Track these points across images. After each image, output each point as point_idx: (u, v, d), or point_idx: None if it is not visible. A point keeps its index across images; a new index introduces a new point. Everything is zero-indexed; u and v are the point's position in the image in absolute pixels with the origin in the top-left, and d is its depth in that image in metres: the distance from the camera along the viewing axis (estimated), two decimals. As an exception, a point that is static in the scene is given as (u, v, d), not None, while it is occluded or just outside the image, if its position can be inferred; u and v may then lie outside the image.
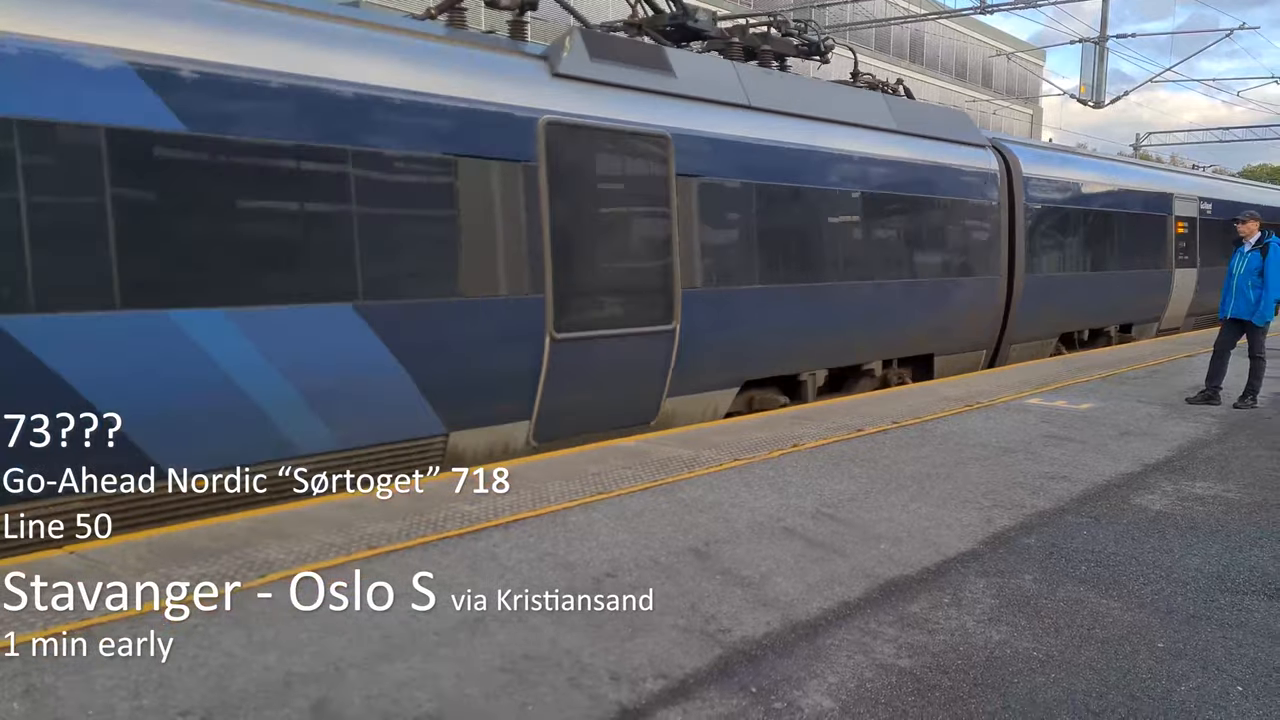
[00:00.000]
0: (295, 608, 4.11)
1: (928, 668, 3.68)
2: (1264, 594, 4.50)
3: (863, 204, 10.25)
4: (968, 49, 51.53)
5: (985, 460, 7.10)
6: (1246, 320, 9.66)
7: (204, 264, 5.64)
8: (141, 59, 5.39)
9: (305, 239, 6.13)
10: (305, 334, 6.05)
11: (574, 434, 7.63)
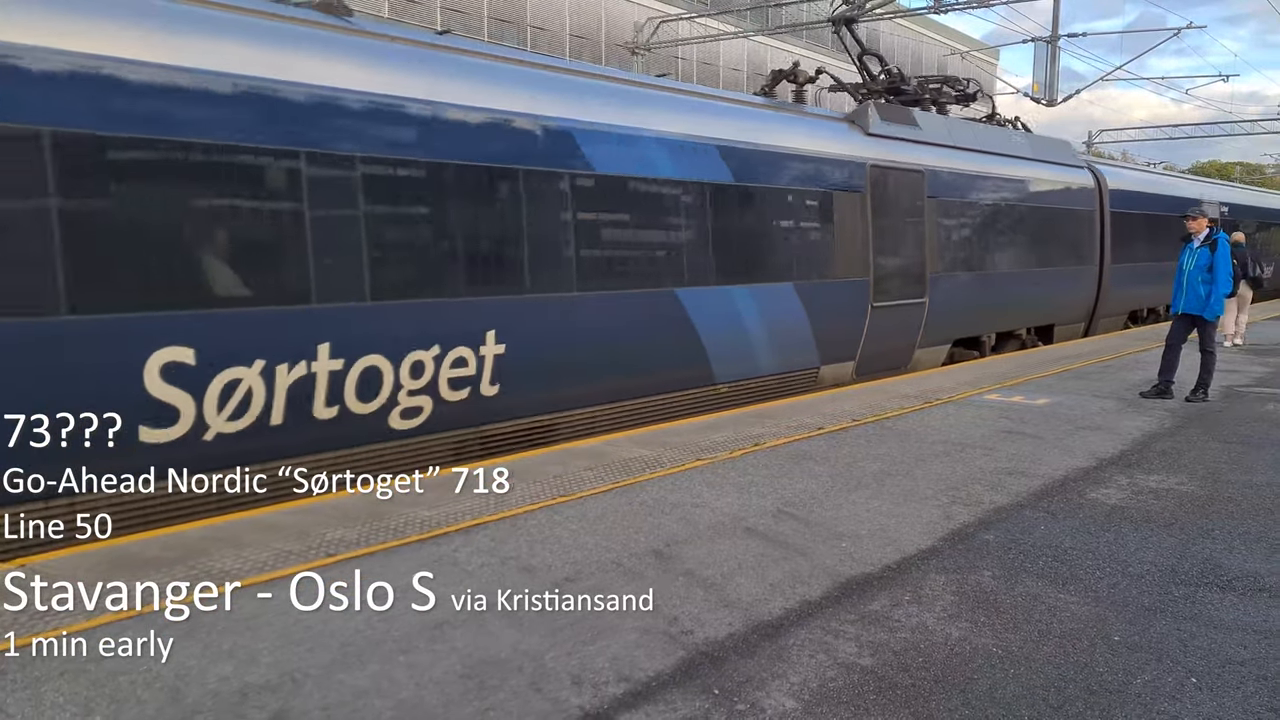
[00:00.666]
0: (251, 617, 4.05)
1: (889, 666, 3.70)
2: (1216, 586, 4.56)
3: (1018, 214, 14.24)
4: (923, 48, 51.94)
5: (944, 456, 7.16)
6: (1197, 315, 9.82)
7: (735, 263, 9.68)
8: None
9: (778, 246, 10.33)
10: (775, 300, 10.02)
11: (874, 373, 11.54)
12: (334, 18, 7.23)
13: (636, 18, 32.78)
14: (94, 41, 5.55)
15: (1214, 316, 9.79)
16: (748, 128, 9.97)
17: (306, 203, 6.34)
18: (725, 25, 34.02)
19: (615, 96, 8.90)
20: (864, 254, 11.01)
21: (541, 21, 30.65)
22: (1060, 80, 26.75)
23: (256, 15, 6.62)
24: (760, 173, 9.88)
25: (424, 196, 7.14)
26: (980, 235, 13.43)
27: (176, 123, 5.87)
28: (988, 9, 26.10)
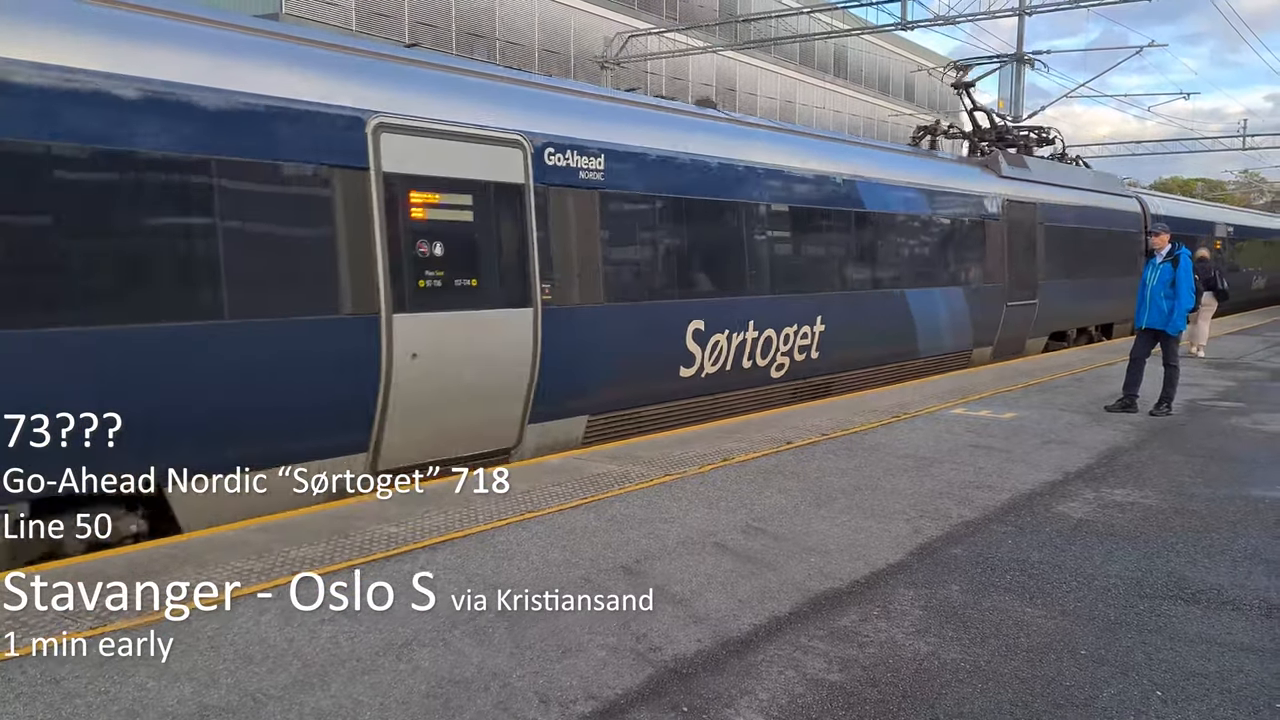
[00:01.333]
0: (211, 637, 3.98)
1: (858, 681, 3.69)
2: (1180, 599, 4.59)
3: (1093, 234, 18.16)
4: (891, 64, 52.44)
5: (912, 471, 7.18)
6: (1161, 330, 9.93)
7: (933, 272, 13.50)
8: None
9: (955, 259, 13.94)
10: (953, 299, 13.75)
11: (1003, 356, 15.04)
12: (710, 110, 12.13)
13: (605, 32, 32.88)
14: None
15: (1176, 331, 9.91)
16: (940, 177, 14.17)
17: (759, 233, 10.54)
18: (694, 40, 34.18)
19: (877, 159, 13.18)
20: (1001, 266, 14.87)
21: (511, 35, 30.65)
22: (1025, 96, 27.05)
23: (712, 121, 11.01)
24: (947, 208, 13.93)
25: (797, 231, 11.31)
26: (1069, 251, 17.21)
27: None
28: (954, 26, 26.38)
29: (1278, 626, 4.26)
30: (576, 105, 8.83)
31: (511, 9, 30.85)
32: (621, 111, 9.32)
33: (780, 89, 43.68)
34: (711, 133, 10.24)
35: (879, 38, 46.75)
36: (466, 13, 29.11)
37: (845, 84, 49.12)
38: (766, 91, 42.42)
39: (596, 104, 9.18)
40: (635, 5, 35.94)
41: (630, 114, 9.39)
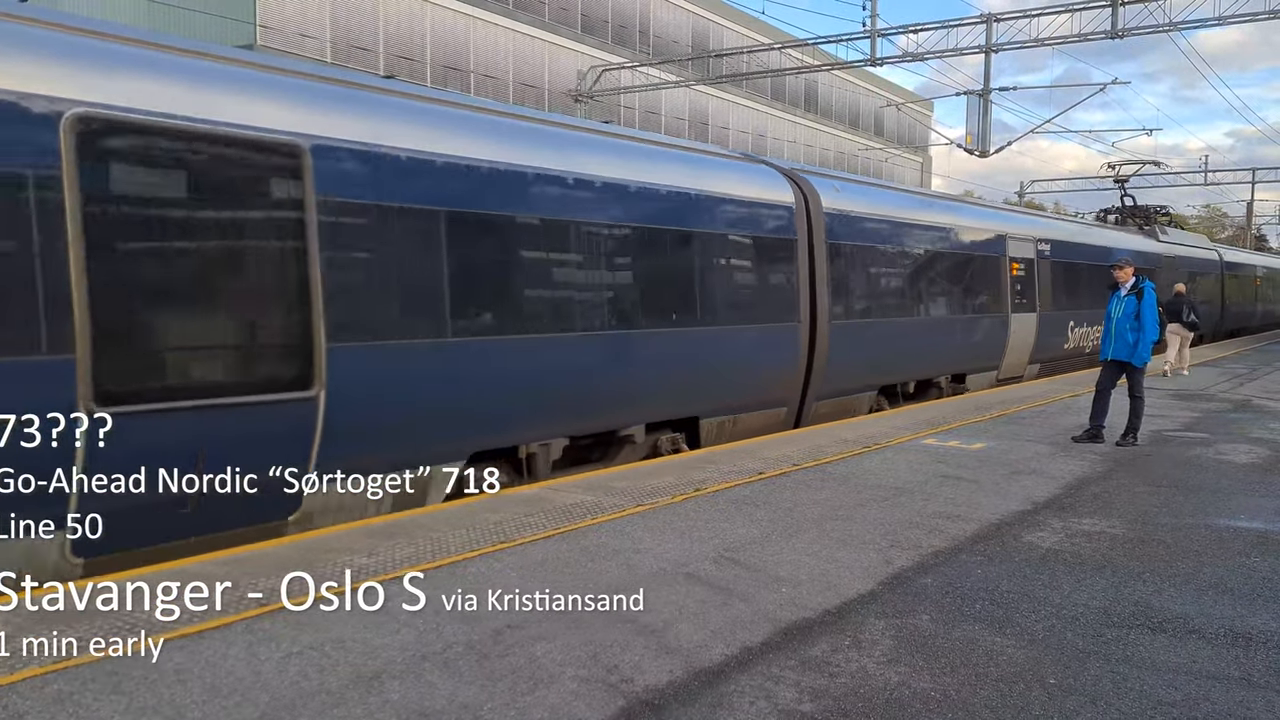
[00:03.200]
0: (177, 670, 3.93)
1: (829, 711, 3.69)
2: (1148, 628, 4.64)
3: (1204, 275, 27.59)
4: (860, 99, 53.12)
5: (883, 501, 7.22)
6: (1126, 361, 10.07)
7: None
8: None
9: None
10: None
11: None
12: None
13: (580, 65, 33.12)
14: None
15: (1142, 363, 10.05)
16: (1145, 246, 23.48)
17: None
18: (667, 74, 34.49)
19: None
20: (1185, 298, 21.22)
21: (486, 69, 30.82)
22: (992, 131, 27.46)
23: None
24: (1155, 264, 22.75)
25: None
26: (1202, 287, 27.02)
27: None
28: (921, 62, 26.78)
29: (1243, 655, 4.30)
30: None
31: (486, 42, 31.05)
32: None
33: (752, 123, 44.11)
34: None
35: (849, 73, 47.34)
36: (442, 46, 29.26)
37: (816, 118, 49.70)
38: (738, 125, 42.82)
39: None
40: (609, 39, 36.30)
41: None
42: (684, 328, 9.75)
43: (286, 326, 6.38)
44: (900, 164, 56.13)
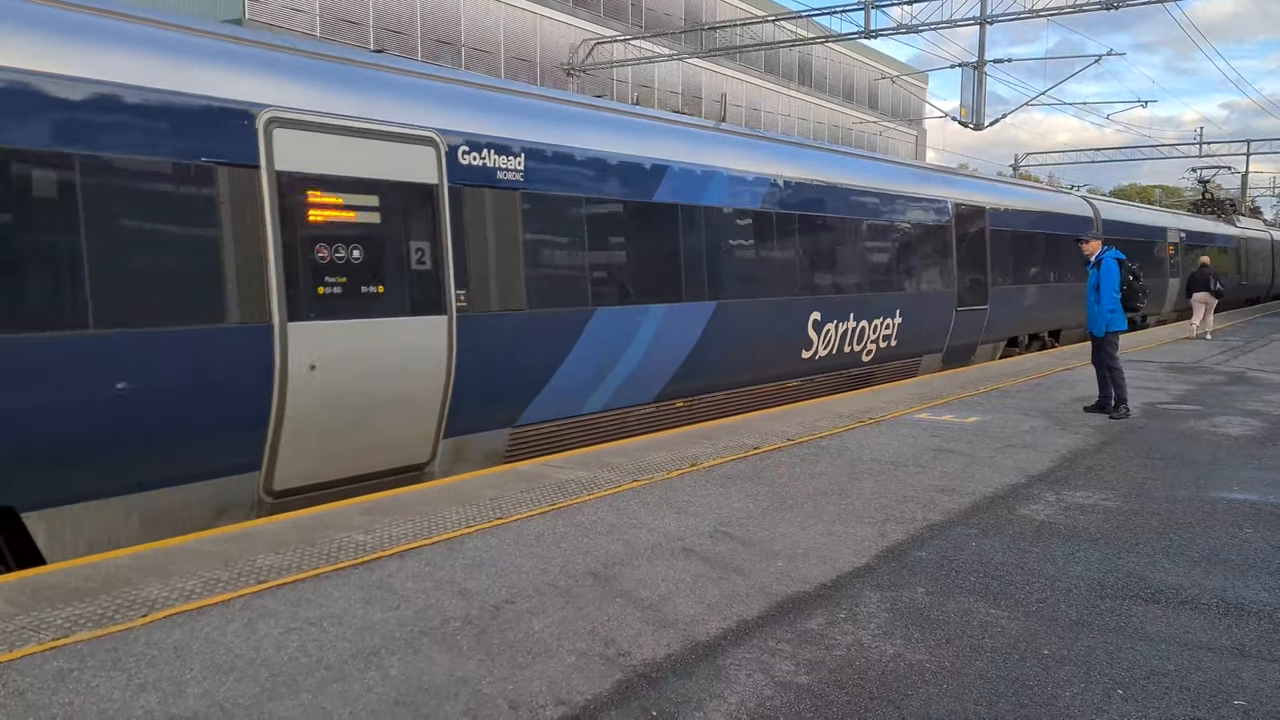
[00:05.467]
0: (177, 647, 3.95)
1: (825, 683, 3.72)
2: (1141, 599, 4.67)
3: (1261, 254, 39.22)
4: (854, 72, 52.87)
5: (878, 475, 7.24)
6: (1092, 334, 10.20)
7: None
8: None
9: (1246, 268, 36.27)
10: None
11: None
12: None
13: (572, 39, 32.91)
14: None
15: (1102, 333, 10.12)
16: (1230, 230, 34.21)
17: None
18: (660, 48, 34.28)
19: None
20: (1248, 269, 35.80)
21: (478, 43, 30.60)
22: (986, 104, 27.34)
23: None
24: (1233, 244, 33.93)
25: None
26: (1263, 259, 39.00)
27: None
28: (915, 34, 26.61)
29: (1235, 625, 4.34)
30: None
31: (477, 15, 30.81)
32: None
33: (746, 96, 43.90)
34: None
35: (843, 46, 47.13)
36: (432, 20, 29.04)
37: (810, 91, 49.47)
38: (732, 99, 42.61)
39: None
40: (601, 12, 36.03)
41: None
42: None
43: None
44: (894, 137, 55.94)
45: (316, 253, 6.62)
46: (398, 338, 7.08)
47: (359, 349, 6.82)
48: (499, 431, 8.17)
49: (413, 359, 7.21)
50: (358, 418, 6.88)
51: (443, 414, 7.52)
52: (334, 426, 6.75)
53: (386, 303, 7.02)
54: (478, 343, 7.68)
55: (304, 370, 6.49)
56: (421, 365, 7.28)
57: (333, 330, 6.66)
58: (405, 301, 7.16)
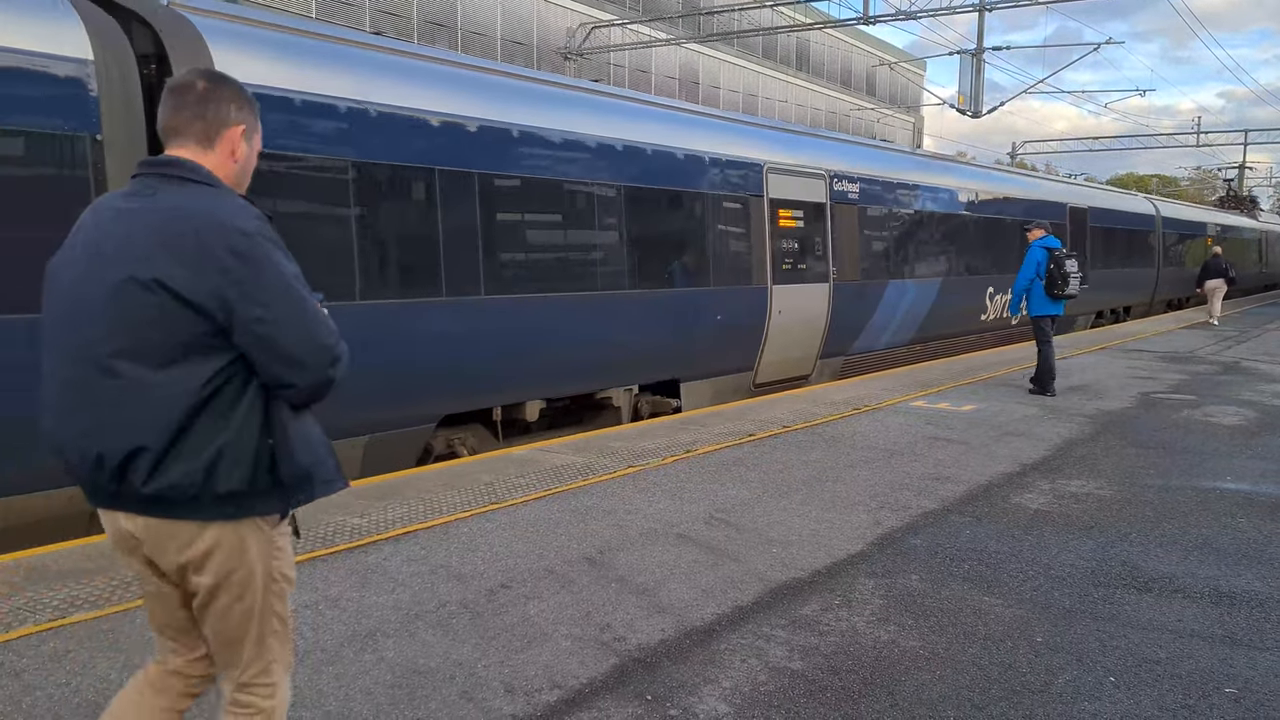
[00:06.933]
0: (174, 629, 3.95)
1: (819, 669, 3.74)
2: (1134, 587, 4.69)
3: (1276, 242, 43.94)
4: (852, 58, 52.72)
5: (873, 463, 7.26)
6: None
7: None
8: None
9: (1257, 259, 39.11)
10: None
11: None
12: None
13: (569, 23, 32.78)
14: None
15: (1033, 315, 10.98)
16: (1245, 221, 37.44)
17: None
18: (657, 32, 34.16)
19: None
20: (1265, 258, 39.31)
21: (474, 26, 30.47)
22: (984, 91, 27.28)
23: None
24: (1255, 234, 38.19)
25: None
26: (1269, 253, 40.16)
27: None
28: (913, 21, 26.56)
29: (1227, 614, 4.36)
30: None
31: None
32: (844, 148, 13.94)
33: (743, 82, 43.78)
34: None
35: (841, 32, 46.99)
36: (429, 2, 28.90)
37: (808, 78, 49.33)
38: (729, 85, 42.50)
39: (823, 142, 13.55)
40: (599, -4, 35.85)
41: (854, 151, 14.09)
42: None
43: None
44: (892, 124, 55.87)
45: (782, 245, 11.27)
46: (808, 296, 11.82)
47: (794, 302, 11.50)
48: (840, 358, 12.84)
49: (813, 309, 11.92)
50: (790, 343, 11.59)
51: (822, 344, 12.27)
52: (782, 347, 11.45)
53: (805, 275, 11.72)
54: (839, 301, 12.40)
55: (775, 313, 11.19)
56: (815, 313, 11.99)
57: (787, 291, 11.34)
58: (812, 274, 11.87)
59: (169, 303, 2.01)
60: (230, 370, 2.06)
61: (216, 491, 2.05)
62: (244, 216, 2.08)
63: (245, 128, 2.27)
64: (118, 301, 2.04)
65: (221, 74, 2.30)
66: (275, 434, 2.11)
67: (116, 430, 2.03)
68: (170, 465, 2.02)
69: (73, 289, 2.12)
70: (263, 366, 2.07)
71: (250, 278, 2.03)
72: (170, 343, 2.02)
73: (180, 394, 2.02)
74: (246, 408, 2.08)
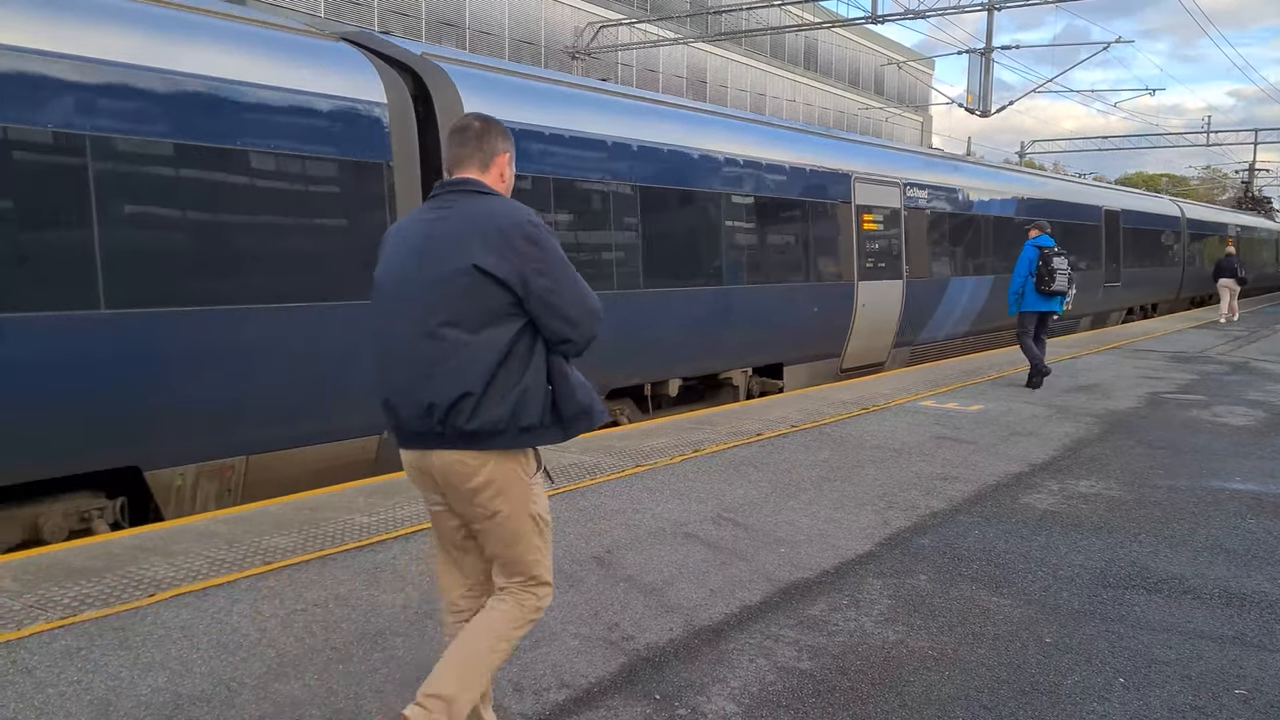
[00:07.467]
0: (185, 626, 3.97)
1: (828, 669, 3.74)
2: (1143, 588, 4.68)
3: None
4: (860, 57, 52.63)
5: (881, 462, 7.25)
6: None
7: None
8: None
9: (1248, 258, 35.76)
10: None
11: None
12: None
13: (576, 22, 32.78)
14: None
15: (1013, 313, 11.43)
16: (1260, 221, 39.40)
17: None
18: (665, 31, 34.15)
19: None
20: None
21: (482, 25, 30.49)
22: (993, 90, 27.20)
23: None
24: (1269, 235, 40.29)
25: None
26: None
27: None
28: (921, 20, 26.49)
29: (1237, 615, 4.35)
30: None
31: (482, -2, 30.67)
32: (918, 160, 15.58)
33: (751, 81, 43.74)
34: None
35: (849, 31, 46.92)
36: (437, 2, 28.92)
37: (816, 77, 49.26)
38: (737, 84, 42.47)
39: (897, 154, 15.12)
40: (607, -5, 35.84)
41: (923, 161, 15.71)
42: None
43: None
44: (900, 123, 55.77)
45: (865, 246, 12.75)
46: (886, 292, 13.28)
47: (875, 297, 12.94)
48: (908, 347, 14.35)
49: (889, 303, 13.40)
50: (871, 332, 12.99)
51: (896, 335, 13.81)
52: (865, 336, 12.88)
53: (883, 272, 13.17)
54: (911, 296, 13.91)
55: (860, 306, 12.59)
56: (891, 306, 13.46)
57: (869, 286, 12.82)
58: (889, 272, 13.35)
59: (482, 280, 2.63)
60: (523, 332, 2.67)
61: (519, 425, 2.66)
62: (529, 214, 2.74)
63: (509, 155, 2.94)
64: (445, 284, 2.65)
65: (489, 116, 2.94)
66: (555, 381, 2.74)
67: (445, 381, 2.63)
68: (487, 405, 2.63)
69: (404, 281, 2.74)
70: (547, 326, 2.69)
71: (540, 257, 2.66)
72: (481, 311, 2.63)
73: (492, 350, 2.63)
74: (537, 360, 2.70)
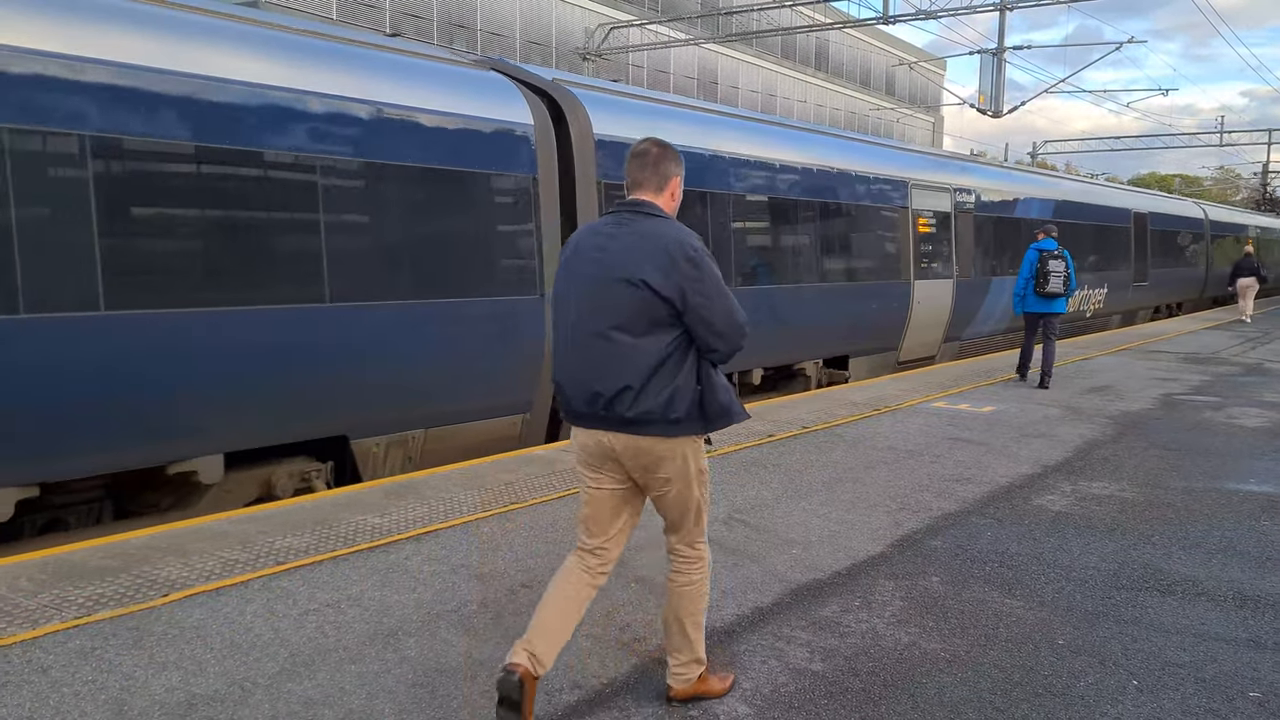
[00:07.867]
0: (198, 626, 3.99)
1: (840, 670, 3.73)
2: (1157, 590, 4.67)
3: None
4: (871, 58, 52.54)
5: (893, 464, 7.24)
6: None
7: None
8: None
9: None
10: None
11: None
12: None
13: (587, 23, 32.80)
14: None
15: (1019, 312, 11.86)
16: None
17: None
18: (676, 32, 34.15)
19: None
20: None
21: (493, 26, 30.54)
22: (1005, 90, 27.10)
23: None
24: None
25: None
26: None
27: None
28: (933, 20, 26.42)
29: (1251, 617, 4.33)
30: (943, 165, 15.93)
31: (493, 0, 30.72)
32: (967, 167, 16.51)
33: (762, 82, 43.71)
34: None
35: (860, 31, 46.85)
36: (448, 3, 28.98)
37: (827, 77, 49.19)
38: (748, 84, 42.43)
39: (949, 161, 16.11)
40: (617, -4, 35.86)
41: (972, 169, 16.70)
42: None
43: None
44: (911, 124, 55.65)
45: (920, 247, 13.66)
46: (938, 290, 14.22)
47: (929, 295, 13.92)
48: (956, 342, 15.27)
49: (941, 301, 14.32)
50: (924, 328, 13.97)
51: (946, 330, 14.79)
52: (919, 331, 13.87)
53: (935, 271, 14.14)
54: (959, 294, 14.89)
55: (916, 304, 13.60)
56: (943, 304, 14.40)
57: (924, 285, 13.80)
58: (941, 272, 14.31)
59: (649, 294, 3.04)
60: (679, 339, 3.10)
61: (669, 417, 3.08)
62: (692, 238, 3.13)
63: (679, 178, 3.33)
64: (616, 293, 3.08)
65: (664, 142, 3.32)
66: (703, 382, 3.14)
67: (611, 375, 3.08)
68: (644, 398, 3.06)
69: (582, 285, 3.15)
70: (700, 336, 3.10)
71: (698, 278, 3.06)
72: (646, 320, 3.06)
73: (652, 353, 3.06)
74: (689, 364, 3.12)
